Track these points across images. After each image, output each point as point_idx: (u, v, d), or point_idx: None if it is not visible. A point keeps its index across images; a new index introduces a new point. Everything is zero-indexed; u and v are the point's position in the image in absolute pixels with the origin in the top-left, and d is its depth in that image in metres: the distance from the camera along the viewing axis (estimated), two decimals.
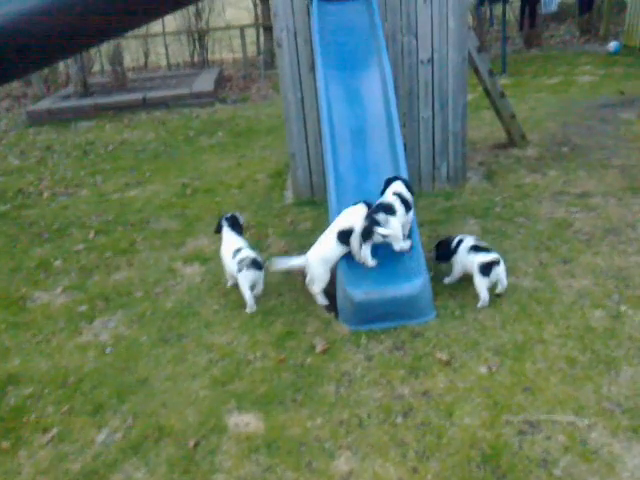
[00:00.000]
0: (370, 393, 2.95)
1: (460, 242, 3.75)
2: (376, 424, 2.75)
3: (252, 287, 3.81)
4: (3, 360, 3.54)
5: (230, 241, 4.06)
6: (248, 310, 3.77)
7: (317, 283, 3.73)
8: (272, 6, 5.27)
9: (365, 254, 3.59)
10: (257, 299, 3.86)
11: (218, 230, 4.19)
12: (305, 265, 3.75)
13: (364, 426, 2.75)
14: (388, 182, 3.86)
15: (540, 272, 3.88)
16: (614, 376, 2.88)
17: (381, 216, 3.53)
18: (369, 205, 3.75)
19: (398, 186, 3.81)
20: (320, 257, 3.69)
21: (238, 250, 3.92)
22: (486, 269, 3.52)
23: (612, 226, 4.42)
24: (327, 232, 3.76)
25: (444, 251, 3.84)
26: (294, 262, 3.81)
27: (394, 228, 3.56)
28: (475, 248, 3.65)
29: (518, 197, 5.13)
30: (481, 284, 3.54)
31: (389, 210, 3.59)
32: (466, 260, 3.65)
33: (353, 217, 3.71)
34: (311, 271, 3.73)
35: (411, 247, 3.66)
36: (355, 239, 3.67)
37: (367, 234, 3.54)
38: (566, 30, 14.33)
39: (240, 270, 3.78)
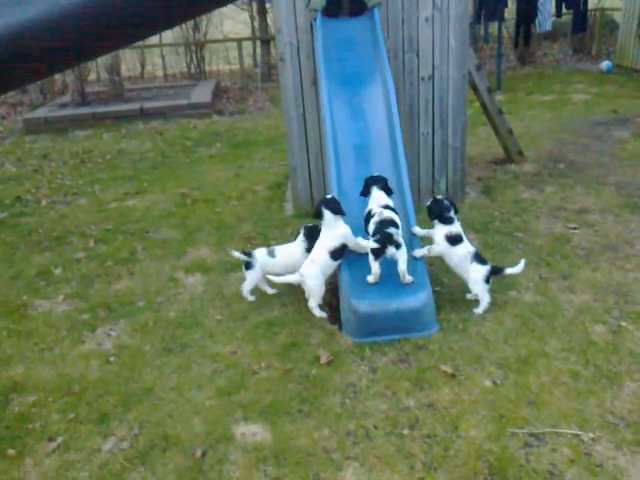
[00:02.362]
0: (376, 405, 2.97)
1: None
2: (383, 435, 2.77)
3: None
4: (6, 368, 3.52)
5: None
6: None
7: (313, 297, 3.77)
8: (275, 22, 5.33)
9: (375, 271, 3.62)
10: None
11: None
12: (300, 281, 3.78)
13: (371, 437, 2.77)
14: (367, 186, 3.99)
15: (541, 287, 3.94)
16: (617, 391, 2.93)
17: (393, 230, 3.58)
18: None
19: (381, 197, 3.89)
20: (314, 272, 3.73)
21: None
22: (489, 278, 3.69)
23: (610, 242, 4.50)
24: (317, 248, 3.81)
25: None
26: (288, 279, 3.81)
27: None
28: (477, 257, 3.73)
29: (516, 212, 5.20)
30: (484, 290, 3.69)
31: (394, 224, 3.64)
32: (466, 266, 3.72)
33: (340, 232, 3.78)
34: (307, 286, 3.77)
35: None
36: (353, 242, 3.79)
37: (380, 250, 3.58)
38: (559, 49, 14.56)
39: None
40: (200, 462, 2.70)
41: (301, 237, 4.10)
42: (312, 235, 4.00)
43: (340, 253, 3.77)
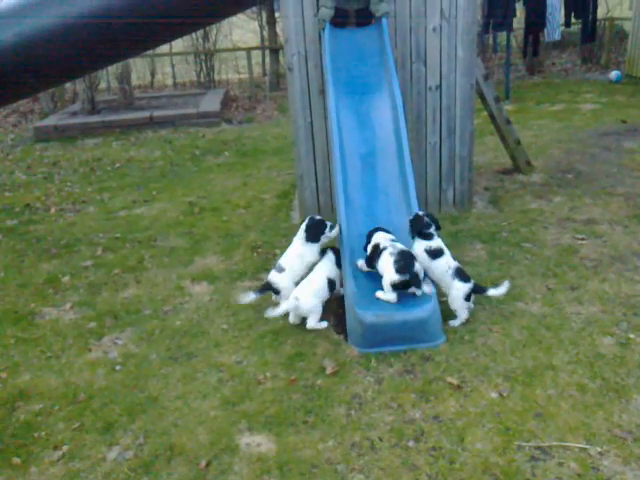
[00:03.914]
0: (381, 416, 2.96)
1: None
2: (388, 447, 2.75)
3: None
4: (13, 375, 3.53)
5: None
6: None
7: (312, 317, 3.74)
8: (284, 31, 5.36)
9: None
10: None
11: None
12: (296, 305, 3.70)
13: (376, 449, 2.75)
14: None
15: (548, 298, 3.91)
16: (625, 404, 2.90)
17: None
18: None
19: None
20: (312, 294, 3.73)
21: None
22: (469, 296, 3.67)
23: (618, 253, 4.46)
24: (314, 273, 3.87)
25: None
26: (285, 307, 3.70)
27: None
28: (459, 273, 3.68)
29: (524, 223, 5.18)
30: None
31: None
32: (449, 282, 3.69)
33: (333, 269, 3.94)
34: (305, 309, 3.72)
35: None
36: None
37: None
38: (568, 58, 14.54)
39: None
40: (204, 472, 2.69)
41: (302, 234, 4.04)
42: (315, 228, 4.02)
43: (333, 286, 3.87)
